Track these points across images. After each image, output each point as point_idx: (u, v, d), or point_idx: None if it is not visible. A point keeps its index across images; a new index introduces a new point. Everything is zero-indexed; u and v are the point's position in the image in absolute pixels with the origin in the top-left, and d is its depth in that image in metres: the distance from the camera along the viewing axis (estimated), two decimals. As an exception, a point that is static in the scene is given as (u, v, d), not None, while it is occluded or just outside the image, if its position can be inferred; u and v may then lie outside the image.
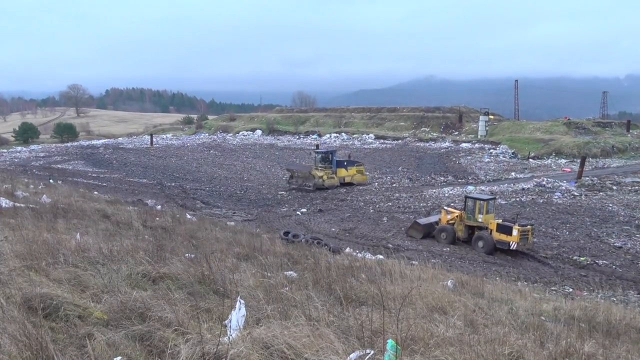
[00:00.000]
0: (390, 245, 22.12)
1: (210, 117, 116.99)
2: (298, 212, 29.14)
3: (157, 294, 5.85)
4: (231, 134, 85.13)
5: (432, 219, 24.88)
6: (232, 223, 22.45)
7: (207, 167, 49.73)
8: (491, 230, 22.11)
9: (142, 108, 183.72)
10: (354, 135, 74.36)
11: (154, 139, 74.82)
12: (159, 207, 24.51)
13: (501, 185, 37.26)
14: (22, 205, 13.24)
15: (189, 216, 20.74)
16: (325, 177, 36.38)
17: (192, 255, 8.74)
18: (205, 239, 12.25)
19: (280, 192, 35.55)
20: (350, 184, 37.65)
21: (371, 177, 40.82)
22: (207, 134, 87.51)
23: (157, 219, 15.86)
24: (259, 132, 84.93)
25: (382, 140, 70.27)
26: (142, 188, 36.84)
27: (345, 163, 38.79)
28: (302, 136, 79.21)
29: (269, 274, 7.88)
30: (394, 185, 39.07)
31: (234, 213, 28.82)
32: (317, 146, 60.29)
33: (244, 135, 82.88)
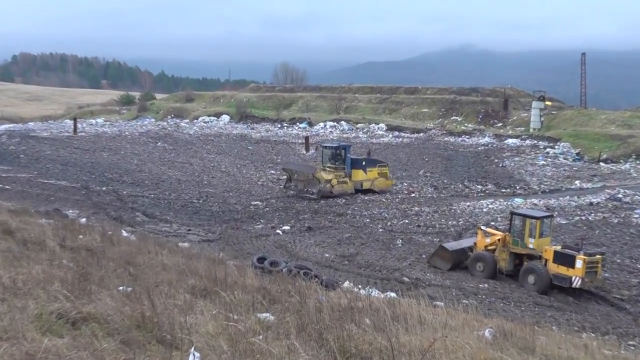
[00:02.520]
0: (406, 279, 22.23)
1: (158, 96, 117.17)
2: (278, 231, 29.27)
3: (78, 343, 5.83)
4: (187, 120, 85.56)
5: (465, 243, 25.09)
6: (186, 244, 22.55)
7: (153, 165, 50.06)
8: (546, 261, 22.31)
9: (63, 81, 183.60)
10: (358, 125, 75.37)
11: (79, 125, 74.81)
12: (84, 220, 24.37)
13: (561, 199, 37.62)
14: None
15: (125, 234, 20.83)
16: (335, 182, 37.11)
17: (129, 289, 8.79)
18: (148, 266, 12.29)
19: (254, 203, 35.81)
20: (369, 192, 38.42)
21: (382, 184, 41.79)
22: (153, 120, 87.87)
23: (81, 236, 15.82)
24: (225, 118, 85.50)
25: (396, 133, 71.20)
26: (60, 193, 36.81)
27: (364, 163, 39.47)
28: (285, 125, 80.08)
29: (235, 317, 7.94)
30: (413, 195, 39.40)
31: (189, 230, 29.06)
32: (307, 138, 60.97)
33: (205, 123, 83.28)
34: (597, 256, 22.03)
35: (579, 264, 21.38)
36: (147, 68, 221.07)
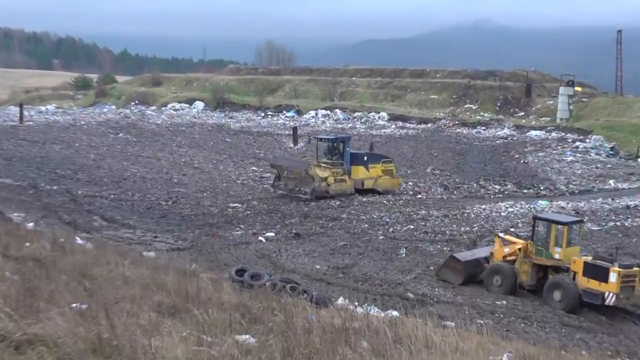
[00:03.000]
0: (411, 295, 22.12)
1: (120, 78, 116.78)
2: (261, 238, 29.18)
3: (23, 370, 5.67)
4: (154, 108, 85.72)
5: (480, 253, 25.04)
6: (152, 254, 22.39)
7: (113, 160, 49.80)
8: (575, 274, 22.15)
9: (7, 61, 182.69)
10: (356, 114, 75.83)
11: (26, 113, 74.58)
12: (31, 225, 24.19)
13: (592, 201, 37.70)
14: None
15: (80, 241, 20.62)
16: (331, 180, 37.50)
17: (84, 307, 8.71)
18: (106, 279, 12.21)
19: (232, 205, 35.76)
20: (371, 192, 38.76)
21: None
22: (113, 107, 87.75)
23: (28, 244, 15.63)
24: (199, 104, 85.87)
25: (400, 123, 71.61)
26: (3, 193, 36.50)
27: (366, 158, 39.85)
28: (270, 113, 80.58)
29: (209, 339, 7.86)
30: (420, 196, 39.59)
31: (156, 237, 28.89)
32: (295, 129, 61.30)
33: (175, 110, 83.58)
34: (635, 268, 21.73)
35: (613, 277, 21.10)
36: (106, 46, 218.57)
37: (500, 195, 40.25)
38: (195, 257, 24.65)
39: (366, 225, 31.74)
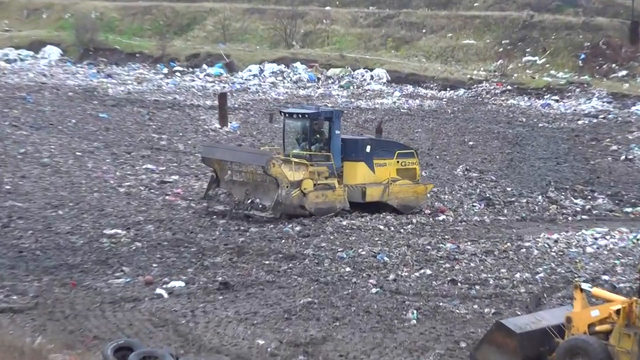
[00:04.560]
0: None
1: None
2: (161, 291, 21.70)
3: None
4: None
5: (548, 318, 19.15)
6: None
7: None
8: None
9: None
10: (331, 72, 56.79)
11: None
12: None
13: None
14: None
15: None
16: (309, 185, 28.81)
17: None
18: None
19: (109, 232, 26.70)
20: (379, 208, 29.82)
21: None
22: None
23: None
24: (52, 52, 62.84)
25: (409, 88, 54.28)
26: None
27: (369, 148, 30.53)
28: (179, 69, 59.32)
29: None
30: (443, 217, 30.13)
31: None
32: (223, 98, 46.25)
33: (8, 62, 60.63)
34: None
35: None
36: None
37: (584, 217, 31.18)
38: (42, 324, 18.72)
39: (348, 269, 23.86)
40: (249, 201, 28.99)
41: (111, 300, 20.52)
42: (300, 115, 31.04)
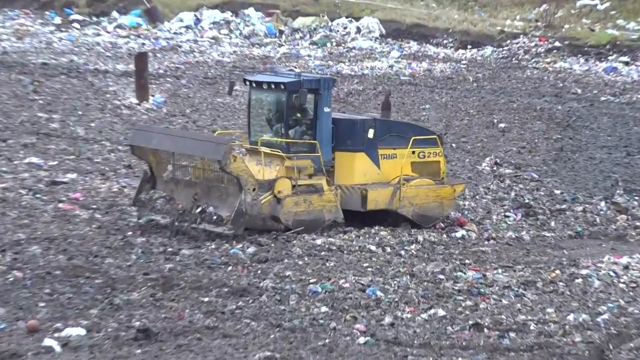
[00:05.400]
0: None
1: None
2: (51, 342, 18.11)
3: None
4: None
5: None
6: None
7: None
8: None
9: None
10: (298, 23, 47.85)
11: None
12: None
13: None
14: None
15: None
16: (285, 187, 24.37)
17: None
18: None
19: None
20: (390, 217, 25.05)
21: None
22: None
23: None
24: None
25: (413, 46, 46.11)
26: None
27: (372, 133, 25.24)
28: (77, 19, 48.86)
29: None
30: (462, 232, 25.00)
31: None
32: (142, 60, 38.30)
33: None
34: None
35: None
36: None
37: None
38: None
39: (324, 309, 19.02)
40: (199, 210, 23.42)
41: (-32, 360, 18.94)
42: (273, 85, 24.63)
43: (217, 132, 29.21)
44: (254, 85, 24.90)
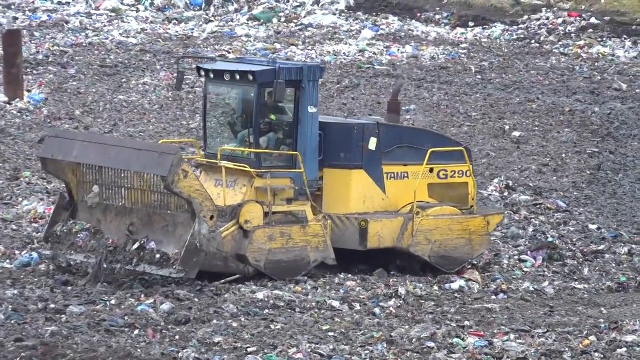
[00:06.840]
0: None
1: None
2: None
3: None
4: None
5: None
6: None
7: None
8: None
9: None
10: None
11: None
12: None
13: None
14: None
15: None
16: (257, 216, 21.08)
17: None
18: None
19: None
20: (399, 259, 21.78)
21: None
22: None
23: None
24: None
25: (394, 23, 39.42)
26: None
27: (375, 145, 21.73)
28: None
29: None
30: (460, 286, 21.22)
31: None
32: (14, 34, 32.53)
33: None
34: None
35: None
36: None
37: None
38: None
39: None
40: (135, 246, 19.83)
41: None
42: (238, 76, 20.33)
43: (161, 141, 24.76)
44: (212, 76, 20.35)
